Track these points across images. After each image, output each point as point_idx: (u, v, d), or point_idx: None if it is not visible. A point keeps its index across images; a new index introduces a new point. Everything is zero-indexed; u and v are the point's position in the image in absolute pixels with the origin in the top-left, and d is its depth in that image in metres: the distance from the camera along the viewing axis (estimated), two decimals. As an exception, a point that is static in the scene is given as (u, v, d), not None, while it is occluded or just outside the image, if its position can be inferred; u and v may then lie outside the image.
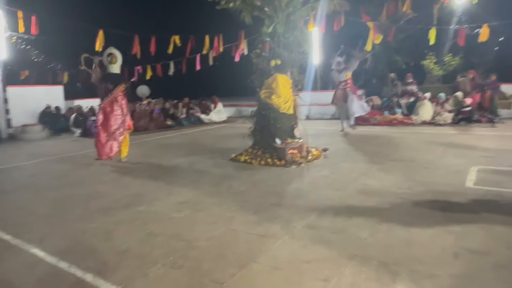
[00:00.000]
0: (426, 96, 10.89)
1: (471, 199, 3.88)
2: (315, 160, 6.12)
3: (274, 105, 6.17)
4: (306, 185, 4.76)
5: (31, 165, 7.00)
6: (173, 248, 3.03)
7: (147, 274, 2.63)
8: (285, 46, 6.39)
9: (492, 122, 9.41)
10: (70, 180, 5.56)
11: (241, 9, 6.69)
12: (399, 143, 7.44)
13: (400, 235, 3.07)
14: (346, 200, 4.04)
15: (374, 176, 4.97)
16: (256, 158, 6.14)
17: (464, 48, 13.51)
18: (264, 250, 2.91)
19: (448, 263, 2.59)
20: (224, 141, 8.88)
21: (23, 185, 5.43)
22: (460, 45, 11.88)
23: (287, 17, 6.43)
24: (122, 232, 3.43)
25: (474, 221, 3.27)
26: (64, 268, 2.76)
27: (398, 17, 13.25)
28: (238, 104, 16.02)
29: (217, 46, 13.86)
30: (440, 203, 3.79)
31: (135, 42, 13.54)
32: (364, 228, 3.23)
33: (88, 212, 4.04)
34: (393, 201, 3.93)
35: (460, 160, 5.62)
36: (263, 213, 3.76)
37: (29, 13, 10.04)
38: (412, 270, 2.50)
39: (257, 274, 2.56)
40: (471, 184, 4.40)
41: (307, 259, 2.73)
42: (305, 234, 3.20)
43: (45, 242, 3.26)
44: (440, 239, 2.96)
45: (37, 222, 3.80)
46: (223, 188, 4.78)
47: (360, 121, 10.81)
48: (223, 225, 3.48)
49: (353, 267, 2.58)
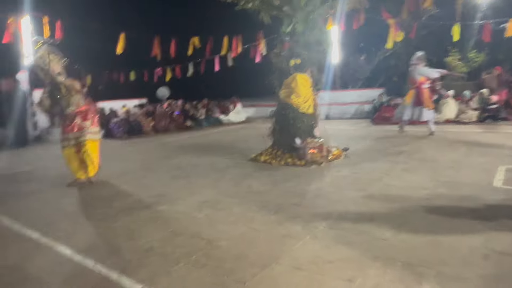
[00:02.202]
0: (449, 94, 10.61)
1: (499, 199, 3.75)
2: (336, 160, 6.05)
3: (294, 104, 6.14)
4: (327, 185, 4.72)
5: (56, 166, 7.19)
6: (195, 247, 3.06)
7: (170, 272, 2.66)
8: (305, 45, 6.35)
9: (520, 120, 9.09)
10: (95, 180, 5.68)
11: (260, 9, 6.68)
12: (422, 142, 7.27)
13: (425, 236, 2.99)
14: (368, 201, 3.98)
15: (398, 176, 4.88)
16: (276, 158, 6.13)
17: (489, 44, 13.11)
18: (286, 250, 2.89)
19: (477, 264, 2.50)
20: (244, 141, 8.90)
21: (50, 185, 5.59)
22: (485, 41, 11.53)
23: (306, 16, 6.38)
24: (145, 231, 3.48)
25: (504, 223, 3.16)
26: (89, 266, 2.82)
27: (420, 14, 13.00)
28: (257, 104, 16.03)
29: (235, 47, 13.92)
30: (467, 203, 3.68)
31: (155, 44, 13.75)
32: (388, 229, 3.17)
33: (112, 212, 4.11)
34: (417, 201, 3.84)
35: (486, 159, 5.45)
36: (283, 213, 3.75)
37: (54, 18, 10.33)
38: (439, 271, 2.44)
39: (279, 274, 2.55)
40: (500, 183, 4.26)
41: (329, 259, 2.70)
42: (326, 234, 3.17)
43: (71, 241, 3.34)
44: (468, 240, 2.87)
45: (63, 221, 3.90)
46: (243, 188, 4.78)
47: (381, 120, 10.65)
48: (244, 225, 3.48)
49: (377, 268, 2.53)
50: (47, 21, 10.19)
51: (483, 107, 9.85)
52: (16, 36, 10.62)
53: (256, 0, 6.33)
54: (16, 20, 10.31)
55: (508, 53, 15.97)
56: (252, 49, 14.24)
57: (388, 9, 12.18)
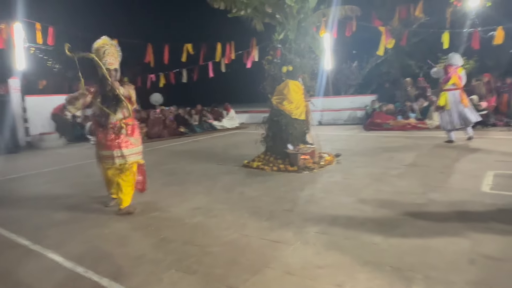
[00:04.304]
0: (440, 100, 10.74)
1: (487, 204, 3.81)
2: (328, 166, 6.10)
3: (286, 111, 6.19)
4: (319, 191, 4.75)
5: (48, 172, 7.16)
6: (187, 253, 3.07)
7: (162, 279, 2.67)
8: (297, 52, 6.42)
9: (509, 125, 9.23)
10: (86, 187, 5.66)
11: (253, 16, 6.76)
12: (413, 148, 7.35)
13: (415, 241, 3.03)
14: (359, 206, 4.02)
15: (388, 182, 4.93)
16: (269, 164, 6.16)
17: (478, 51, 13.33)
18: (277, 256, 2.92)
19: (464, 269, 2.55)
20: (237, 147, 8.93)
21: (40, 192, 5.56)
22: (474, 48, 11.76)
23: (299, 23, 6.46)
24: (137, 238, 3.48)
25: (491, 227, 3.22)
26: (81, 273, 2.82)
27: (411, 21, 13.21)
28: (250, 110, 16.10)
29: (229, 53, 14.01)
30: (456, 208, 3.74)
31: (149, 50, 13.79)
32: (378, 234, 3.21)
33: (103, 218, 4.11)
34: (407, 206, 3.89)
35: (476, 165, 5.53)
36: (275, 219, 3.77)
37: (46, 25, 10.33)
38: (427, 276, 2.47)
39: (270, 280, 2.57)
40: (487, 189, 4.33)
41: (320, 264, 2.73)
42: (318, 240, 3.19)
43: (62, 247, 3.33)
44: (456, 245, 2.92)
45: (54, 228, 3.88)
46: (236, 194, 4.80)
47: (373, 126, 10.75)
48: (236, 231, 3.50)
49: (367, 273, 2.57)
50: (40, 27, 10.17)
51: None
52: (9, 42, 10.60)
53: (248, 8, 6.40)
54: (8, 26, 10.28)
55: (497, 60, 16.23)
56: (245, 55, 14.35)
57: (380, 17, 12.39)
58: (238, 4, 6.38)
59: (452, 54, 7.99)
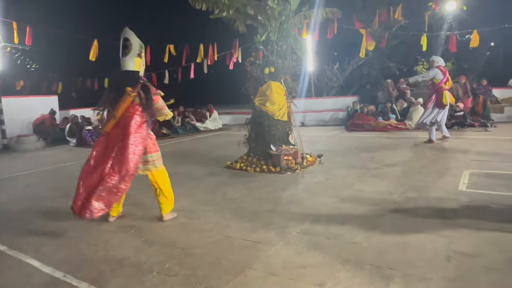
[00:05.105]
0: (420, 102, 10.99)
1: (463, 202, 3.92)
2: (310, 166, 6.15)
3: (269, 112, 6.22)
4: (301, 192, 4.79)
5: (26, 175, 6.98)
6: (168, 256, 3.05)
7: (143, 282, 2.64)
8: (279, 54, 6.46)
9: (485, 126, 9.52)
10: (66, 190, 5.54)
11: (235, 18, 6.77)
12: (393, 148, 7.50)
13: (394, 240, 3.10)
14: (340, 206, 4.07)
15: (368, 182, 5.02)
16: (252, 165, 6.17)
17: (455, 54, 13.72)
18: (259, 257, 2.93)
19: (441, 266, 2.62)
20: (220, 148, 8.91)
21: (18, 195, 5.42)
22: (451, 51, 12.08)
23: (281, 25, 6.52)
24: (118, 241, 3.44)
25: (467, 225, 3.31)
26: (59, 278, 2.77)
27: (390, 24, 13.47)
28: (233, 111, 16.08)
29: (211, 55, 13.97)
30: (433, 207, 3.84)
31: (130, 51, 13.57)
32: (359, 233, 3.26)
33: (83, 222, 4.03)
34: (387, 206, 3.96)
35: (453, 164, 5.69)
36: (258, 220, 3.79)
37: (23, 24, 10.08)
38: (405, 273, 2.53)
39: (252, 281, 2.58)
40: (464, 187, 4.45)
41: (301, 264, 2.75)
42: (299, 240, 3.23)
43: (40, 252, 3.26)
44: (433, 242, 3.00)
45: (33, 233, 3.79)
46: (219, 196, 4.80)
47: (354, 127, 10.90)
48: (218, 233, 3.50)
49: (347, 272, 2.61)
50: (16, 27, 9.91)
51: (450, 114, 10.25)
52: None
53: (230, 9, 6.41)
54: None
55: (473, 63, 16.74)
56: (228, 57, 14.34)
57: (361, 20, 12.58)
58: (220, 5, 6.37)
59: (437, 56, 8.23)
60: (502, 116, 10.49)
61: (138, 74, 3.87)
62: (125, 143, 3.59)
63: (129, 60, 3.81)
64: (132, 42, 3.82)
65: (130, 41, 3.81)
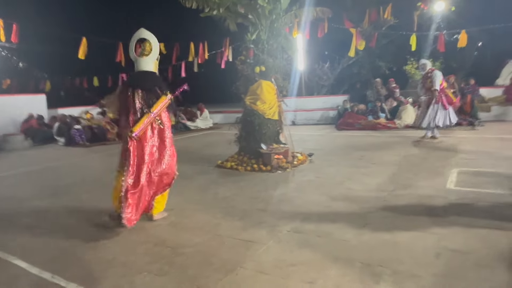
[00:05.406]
0: (409, 101, 11.10)
1: (452, 200, 3.97)
2: (301, 165, 6.17)
3: (259, 111, 6.22)
4: (292, 190, 4.80)
5: (13, 175, 6.87)
6: (158, 255, 3.03)
7: (133, 281, 2.62)
8: (269, 53, 6.46)
9: (472, 125, 9.64)
10: (54, 190, 5.48)
11: (225, 16, 6.75)
12: (383, 147, 7.55)
13: (384, 237, 3.12)
14: (331, 204, 4.09)
15: (359, 180, 5.04)
16: (242, 164, 6.16)
17: (444, 53, 13.87)
18: (250, 255, 2.92)
19: (430, 263, 2.64)
20: (210, 147, 8.88)
21: (5, 195, 5.33)
22: (440, 50, 12.23)
23: (271, 24, 6.51)
24: (107, 241, 3.40)
25: (455, 222, 3.35)
26: (47, 279, 2.73)
27: (380, 24, 13.56)
28: (224, 110, 16.03)
29: (202, 53, 13.91)
30: (422, 205, 3.87)
31: (119, 49, 13.48)
32: (349, 231, 3.28)
33: (72, 222, 3.99)
34: (377, 204, 3.99)
35: (441, 163, 5.75)
36: (249, 218, 3.78)
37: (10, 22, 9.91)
38: (395, 271, 2.55)
39: (243, 279, 2.57)
40: (452, 185, 4.51)
41: (292, 262, 2.76)
42: (290, 238, 3.23)
43: (28, 253, 3.21)
44: (423, 240, 3.03)
45: (19, 233, 3.73)
46: (209, 195, 4.78)
47: (345, 126, 10.96)
48: (209, 232, 3.48)
49: (337, 269, 2.62)
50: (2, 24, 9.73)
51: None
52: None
53: (221, 7, 6.38)
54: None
55: (461, 62, 16.95)
56: (219, 55, 14.29)
57: (351, 19, 12.65)
58: (210, 3, 6.35)
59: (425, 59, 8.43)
60: (489, 115, 10.64)
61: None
62: (164, 144, 3.89)
63: (151, 61, 3.87)
64: (153, 44, 3.88)
65: (151, 43, 3.87)
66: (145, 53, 3.84)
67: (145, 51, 3.84)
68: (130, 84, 3.84)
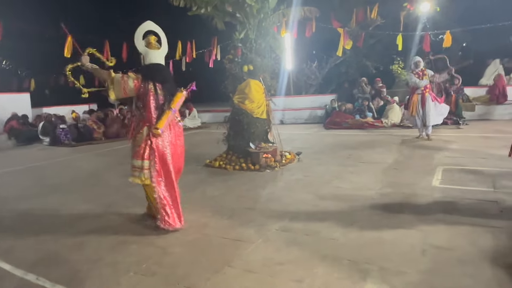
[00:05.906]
0: (395, 100, 11.23)
1: (437, 197, 4.03)
2: (289, 164, 6.19)
3: (248, 110, 6.21)
4: (280, 189, 4.81)
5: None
6: (146, 255, 3.00)
7: (120, 282, 2.59)
8: (257, 52, 6.45)
9: (457, 124, 9.81)
10: (39, 190, 5.38)
11: (213, 15, 6.72)
12: (370, 146, 7.63)
13: (371, 235, 3.16)
14: (319, 203, 4.11)
15: (346, 179, 5.09)
16: (231, 163, 6.15)
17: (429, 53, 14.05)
18: (238, 254, 2.92)
19: (415, 260, 2.68)
20: (199, 146, 8.84)
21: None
22: (425, 50, 12.39)
23: (259, 23, 6.51)
24: (94, 241, 3.36)
25: (440, 219, 3.41)
26: (31, 280, 2.68)
27: (367, 24, 13.68)
28: (212, 109, 15.98)
29: (190, 52, 13.82)
30: (409, 203, 3.92)
31: (106, 48, 13.31)
32: (337, 230, 3.30)
33: (58, 222, 3.92)
34: (364, 202, 4.03)
35: (427, 161, 5.84)
36: (237, 217, 3.78)
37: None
38: (382, 267, 2.58)
39: (231, 278, 2.57)
40: (437, 183, 4.58)
41: (280, 261, 2.76)
42: (278, 237, 3.24)
43: (11, 254, 3.15)
44: (409, 237, 3.07)
45: (2, 234, 3.66)
46: (198, 194, 4.76)
47: (332, 125, 11.04)
48: (197, 231, 3.47)
49: (325, 267, 2.63)
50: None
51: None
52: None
53: (209, 6, 6.35)
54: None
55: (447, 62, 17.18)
56: (207, 54, 14.23)
57: (338, 19, 12.73)
58: (198, 2, 6.32)
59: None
60: (473, 114, 10.84)
61: None
62: (181, 141, 3.94)
63: (163, 54, 3.79)
64: (162, 38, 3.80)
65: (160, 36, 3.79)
66: (156, 46, 3.72)
67: (157, 45, 3.73)
68: (151, 78, 3.58)
